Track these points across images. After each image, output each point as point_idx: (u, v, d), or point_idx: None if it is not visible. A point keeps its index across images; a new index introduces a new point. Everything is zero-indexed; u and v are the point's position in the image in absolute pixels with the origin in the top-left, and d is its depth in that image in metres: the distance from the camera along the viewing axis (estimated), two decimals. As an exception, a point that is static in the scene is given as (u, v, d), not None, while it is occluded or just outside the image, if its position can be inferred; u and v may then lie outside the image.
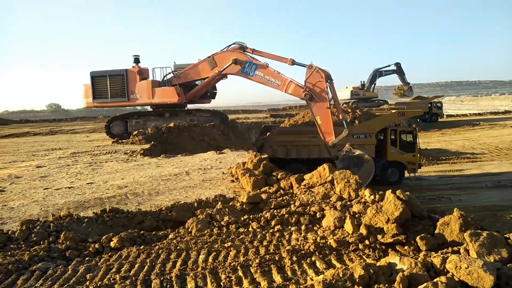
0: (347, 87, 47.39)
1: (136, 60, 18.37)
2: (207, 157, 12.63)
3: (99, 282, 3.95)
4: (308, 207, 6.02)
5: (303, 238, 5.01)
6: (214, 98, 20.27)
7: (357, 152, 13.74)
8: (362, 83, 47.38)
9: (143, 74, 18.34)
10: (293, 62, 15.84)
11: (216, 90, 19.82)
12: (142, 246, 5.01)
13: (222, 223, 5.75)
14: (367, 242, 4.64)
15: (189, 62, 18.26)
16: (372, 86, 47.08)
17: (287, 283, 3.56)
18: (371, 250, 4.53)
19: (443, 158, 23.79)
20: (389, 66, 46.94)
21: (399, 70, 46.58)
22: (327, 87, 15.16)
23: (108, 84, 18.17)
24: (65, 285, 3.94)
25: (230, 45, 16.69)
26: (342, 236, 4.87)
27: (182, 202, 6.90)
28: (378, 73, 46.90)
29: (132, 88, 18.07)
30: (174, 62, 18.41)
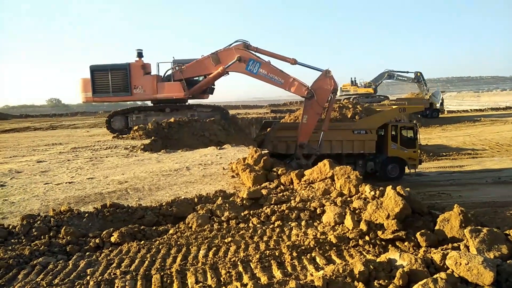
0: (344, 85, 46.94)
1: (139, 54, 18.22)
2: (207, 153, 12.63)
3: (100, 277, 3.97)
4: (308, 203, 6.03)
5: (303, 234, 5.02)
6: (212, 93, 20.27)
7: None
8: (353, 80, 46.77)
9: (146, 68, 18.23)
10: (296, 62, 16.04)
11: (214, 85, 19.80)
12: (142, 241, 5.02)
13: (223, 218, 5.76)
14: (367, 238, 4.64)
15: (188, 58, 18.20)
16: (378, 84, 46.23)
17: (287, 278, 3.56)
18: (371, 246, 4.53)
19: (444, 154, 23.75)
20: (407, 72, 44.40)
21: (418, 80, 43.91)
22: (329, 98, 15.89)
23: (110, 79, 18.01)
24: (66, 280, 3.96)
25: (233, 43, 16.69)
26: (342, 232, 4.87)
27: (183, 197, 6.91)
28: (388, 75, 44.84)
29: (136, 82, 17.93)
30: (173, 57, 18.36)
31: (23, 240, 5.11)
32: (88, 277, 4.00)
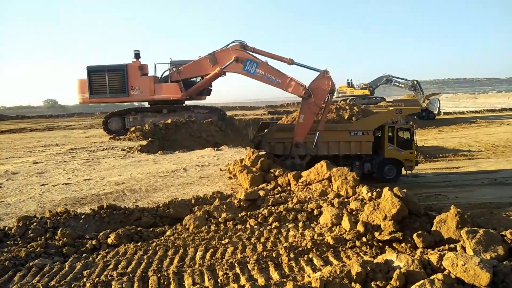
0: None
1: (137, 55, 18.22)
2: (204, 154, 12.62)
3: (96, 279, 3.95)
4: (305, 204, 6.03)
5: (300, 235, 5.02)
6: (209, 94, 20.28)
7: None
8: (349, 81, 46.86)
9: (143, 69, 18.22)
10: (292, 62, 16.07)
11: (211, 87, 19.81)
12: (139, 243, 5.01)
13: (220, 219, 5.75)
14: (364, 239, 4.65)
15: (185, 59, 18.24)
16: (375, 87, 46.35)
17: (285, 280, 3.56)
18: (368, 247, 4.53)
19: (440, 155, 23.83)
20: (406, 80, 44.36)
21: (415, 88, 43.54)
22: (326, 98, 15.92)
23: (107, 80, 17.97)
24: (62, 282, 3.94)
25: (230, 43, 16.71)
26: (339, 233, 4.87)
27: (180, 198, 6.90)
28: (386, 79, 44.79)
29: (133, 83, 17.92)
30: (170, 59, 18.36)
31: (19, 242, 5.08)
32: (84, 279, 3.98)
